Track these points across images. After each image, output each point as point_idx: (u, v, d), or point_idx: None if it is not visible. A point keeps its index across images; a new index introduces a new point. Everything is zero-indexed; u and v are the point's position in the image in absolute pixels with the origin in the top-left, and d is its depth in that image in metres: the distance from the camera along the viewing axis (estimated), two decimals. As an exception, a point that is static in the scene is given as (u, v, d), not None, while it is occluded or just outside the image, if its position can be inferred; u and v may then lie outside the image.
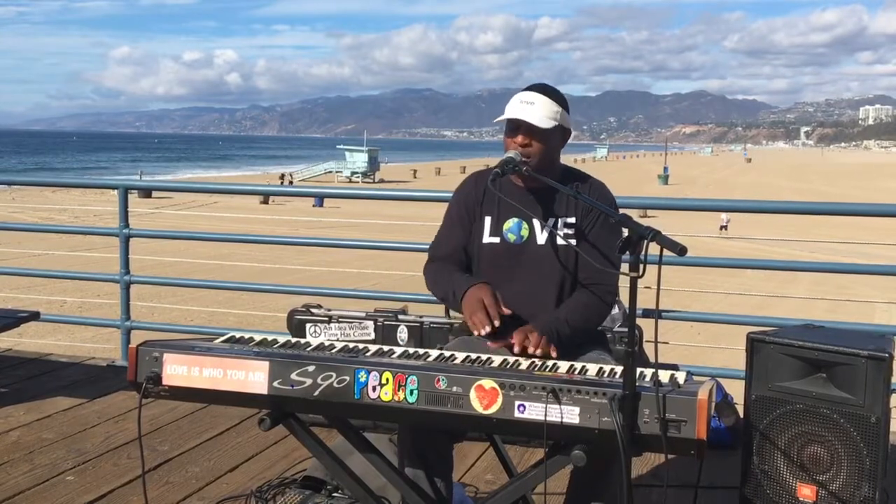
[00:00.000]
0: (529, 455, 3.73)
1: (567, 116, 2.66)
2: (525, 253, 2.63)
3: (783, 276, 18.06)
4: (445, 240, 2.75)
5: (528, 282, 2.62)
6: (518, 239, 2.64)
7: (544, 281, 2.62)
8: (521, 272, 2.63)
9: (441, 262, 2.72)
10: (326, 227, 23.94)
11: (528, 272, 2.62)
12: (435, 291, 2.69)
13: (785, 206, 5.47)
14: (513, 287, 2.61)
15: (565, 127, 2.66)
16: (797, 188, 57.97)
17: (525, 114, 2.57)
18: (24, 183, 24.35)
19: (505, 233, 2.65)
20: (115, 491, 3.38)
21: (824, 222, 25.67)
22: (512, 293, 2.59)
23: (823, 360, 2.80)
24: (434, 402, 2.07)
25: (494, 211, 2.68)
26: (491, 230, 2.67)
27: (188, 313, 12.11)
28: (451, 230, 2.75)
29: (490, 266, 2.66)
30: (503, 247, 2.65)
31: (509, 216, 2.66)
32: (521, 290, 2.61)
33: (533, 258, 2.62)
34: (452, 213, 2.76)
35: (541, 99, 2.60)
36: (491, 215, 2.68)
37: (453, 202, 2.78)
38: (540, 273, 2.62)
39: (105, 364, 5.37)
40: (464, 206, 2.73)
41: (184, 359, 2.24)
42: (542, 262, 2.62)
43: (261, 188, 13.75)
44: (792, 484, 2.84)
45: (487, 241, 2.67)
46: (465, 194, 2.75)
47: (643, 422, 1.96)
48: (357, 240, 6.75)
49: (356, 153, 70.45)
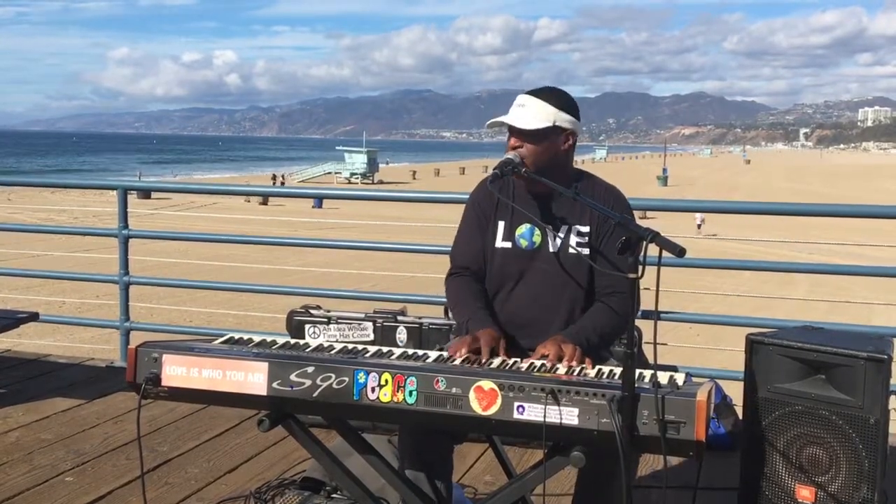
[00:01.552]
0: (529, 456, 3.73)
1: (567, 117, 2.61)
2: (536, 259, 2.63)
3: (782, 278, 18.07)
4: (464, 245, 2.75)
5: (537, 287, 2.62)
6: (530, 245, 2.64)
7: (554, 287, 2.61)
8: (530, 277, 2.63)
9: (463, 277, 2.71)
10: (325, 228, 23.94)
11: (538, 278, 2.62)
12: (453, 314, 2.72)
13: (782, 208, 5.46)
14: (522, 292, 2.62)
15: (564, 128, 2.62)
16: (796, 189, 58.01)
17: (511, 117, 2.59)
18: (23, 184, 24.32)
19: (517, 238, 2.65)
20: (115, 492, 3.38)
21: (822, 224, 25.66)
22: (521, 298, 2.61)
23: (822, 362, 2.80)
24: (433, 403, 2.07)
25: (508, 216, 2.68)
26: (504, 235, 2.67)
27: (187, 314, 12.11)
28: (469, 235, 2.75)
29: (501, 270, 2.66)
30: (514, 252, 2.65)
31: (522, 221, 2.66)
32: (530, 296, 2.62)
33: (543, 264, 2.62)
34: (469, 218, 2.76)
35: (532, 101, 2.60)
36: (504, 220, 2.68)
37: (469, 206, 2.78)
38: (550, 279, 2.62)
39: (104, 365, 5.37)
40: (480, 209, 2.74)
41: (183, 360, 2.24)
42: (553, 268, 2.61)
43: (260, 189, 13.76)
44: (791, 485, 2.85)
45: (500, 246, 2.67)
46: (481, 198, 2.75)
47: (642, 423, 1.96)
48: (356, 241, 6.75)
49: (355, 154, 70.45)
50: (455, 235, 2.80)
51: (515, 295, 2.62)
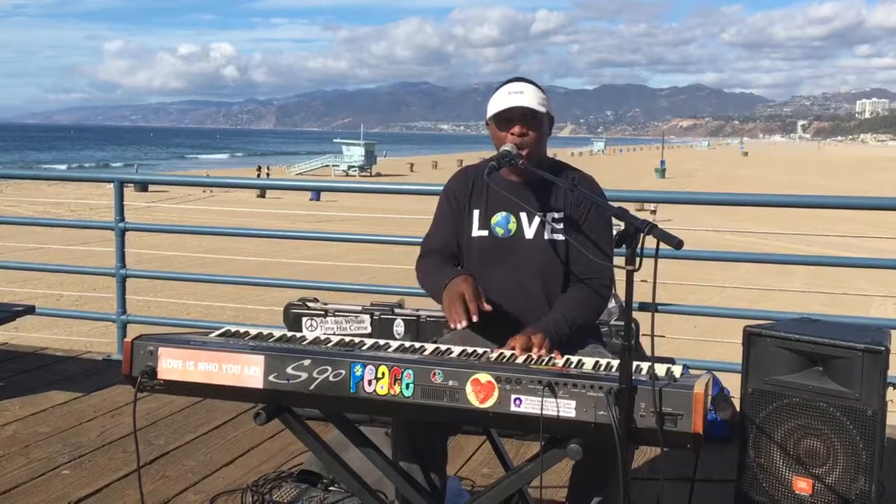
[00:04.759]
0: (526, 448, 3.74)
1: (551, 105, 2.68)
2: (513, 247, 2.63)
3: (779, 270, 18.05)
4: (436, 234, 2.75)
5: (515, 275, 2.62)
6: (506, 233, 2.64)
7: (532, 275, 2.61)
8: (508, 266, 2.63)
9: (431, 257, 2.71)
10: (323, 220, 23.91)
11: (516, 266, 2.62)
12: (424, 287, 2.69)
13: (780, 200, 5.45)
14: (501, 280, 2.61)
15: (551, 115, 2.69)
16: (793, 181, 58.00)
17: (521, 101, 2.58)
18: (19, 176, 24.30)
19: (493, 226, 2.65)
20: (111, 485, 3.38)
21: (819, 215, 25.66)
22: (500, 287, 2.60)
23: (820, 354, 2.80)
24: (430, 396, 2.06)
25: (483, 205, 2.68)
26: (479, 224, 2.67)
27: (184, 307, 12.10)
28: (441, 224, 2.75)
29: (478, 260, 2.66)
30: (491, 240, 2.65)
31: (497, 210, 2.66)
32: (509, 284, 2.61)
33: (521, 252, 2.62)
34: (443, 207, 2.77)
35: (528, 87, 2.62)
36: (479, 209, 2.68)
37: (443, 196, 2.78)
38: (528, 267, 2.62)
39: (101, 358, 5.36)
40: (454, 199, 2.74)
41: (179, 353, 2.23)
42: (530, 255, 2.62)
43: (257, 182, 13.73)
44: (788, 477, 2.85)
45: (476, 235, 2.67)
46: (455, 188, 2.76)
47: (639, 415, 1.95)
48: (353, 233, 6.74)
49: (353, 147, 70.31)
50: (429, 227, 2.80)
51: (494, 283, 2.60)
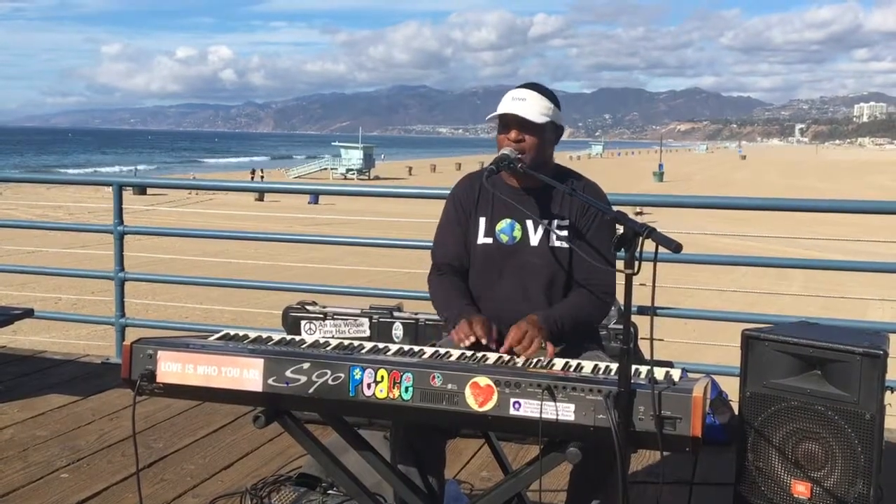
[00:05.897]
0: (525, 452, 3.74)
1: (559, 114, 2.67)
2: (518, 254, 2.64)
3: (777, 273, 18.05)
4: (445, 242, 2.76)
5: (520, 282, 2.62)
6: (511, 240, 2.65)
7: (536, 282, 2.62)
8: (513, 273, 2.63)
9: (444, 274, 2.72)
10: (321, 223, 23.91)
11: (521, 273, 2.63)
12: (436, 306, 2.72)
13: (778, 204, 5.45)
14: (504, 287, 2.62)
15: (557, 124, 2.67)
16: (792, 185, 58.05)
17: (517, 108, 2.58)
18: (17, 180, 24.30)
19: (498, 233, 2.66)
20: (110, 488, 3.38)
21: (817, 219, 25.67)
22: (504, 293, 2.61)
23: (818, 358, 2.81)
24: (429, 399, 2.06)
25: (488, 212, 2.68)
26: (485, 231, 2.68)
27: (183, 310, 12.08)
28: (449, 232, 2.75)
29: (483, 267, 2.67)
30: (496, 247, 2.65)
31: (502, 217, 2.66)
32: (513, 291, 2.62)
33: (525, 259, 2.63)
34: (449, 214, 2.77)
35: (532, 95, 2.61)
36: (485, 216, 2.69)
37: (449, 203, 2.78)
38: (532, 274, 2.62)
39: (99, 361, 5.36)
40: (460, 206, 2.74)
41: (178, 356, 2.23)
42: (535, 263, 2.62)
43: (255, 185, 13.75)
44: (786, 481, 2.85)
45: (481, 242, 2.68)
46: (461, 195, 2.76)
47: (638, 419, 1.96)
48: (352, 237, 6.74)
49: (351, 150, 70.32)
50: (435, 232, 2.81)
51: (499, 290, 2.62)
